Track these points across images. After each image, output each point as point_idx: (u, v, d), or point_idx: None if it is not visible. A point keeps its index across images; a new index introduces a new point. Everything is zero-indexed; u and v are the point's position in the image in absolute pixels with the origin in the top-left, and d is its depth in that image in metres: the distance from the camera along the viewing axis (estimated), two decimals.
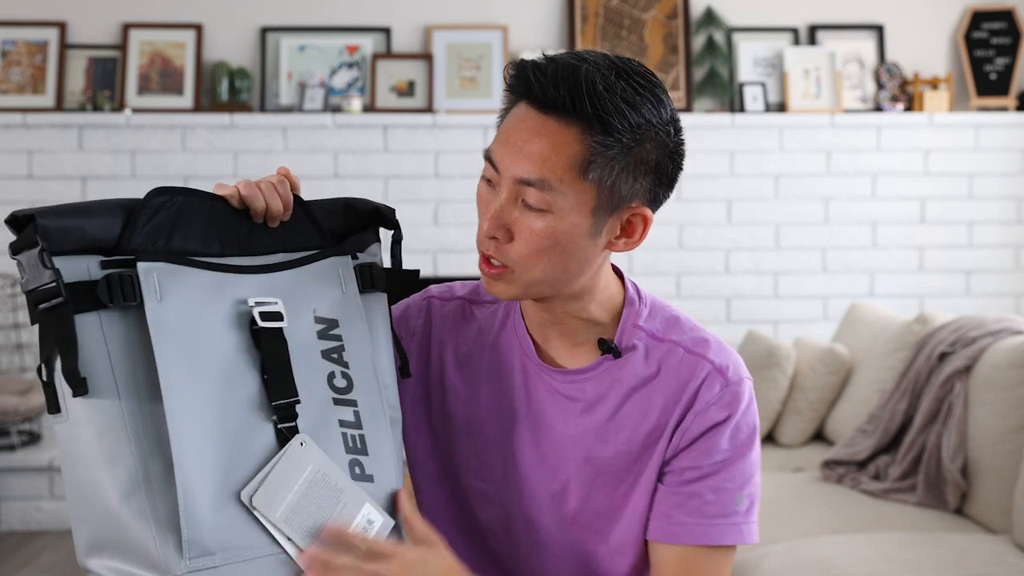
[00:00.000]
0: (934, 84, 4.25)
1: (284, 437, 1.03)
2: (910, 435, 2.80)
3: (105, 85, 4.17)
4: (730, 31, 4.29)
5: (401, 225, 1.18)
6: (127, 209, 1.00)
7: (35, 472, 3.83)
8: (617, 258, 1.26)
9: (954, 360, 2.76)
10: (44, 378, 0.96)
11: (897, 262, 4.28)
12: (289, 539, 1.00)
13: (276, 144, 4.12)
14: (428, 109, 4.16)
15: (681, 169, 1.16)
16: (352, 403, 1.09)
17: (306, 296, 1.09)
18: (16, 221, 0.95)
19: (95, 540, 0.97)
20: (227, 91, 4.13)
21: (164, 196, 1.02)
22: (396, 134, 4.14)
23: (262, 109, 4.21)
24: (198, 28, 4.19)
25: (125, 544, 0.95)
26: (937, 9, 4.36)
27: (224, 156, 4.11)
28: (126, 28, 4.17)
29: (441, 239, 4.13)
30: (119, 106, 4.13)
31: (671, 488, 1.15)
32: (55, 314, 0.94)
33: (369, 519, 1.06)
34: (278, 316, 1.04)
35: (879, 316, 3.48)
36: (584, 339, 1.20)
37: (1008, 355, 2.59)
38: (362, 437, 1.09)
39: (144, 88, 4.15)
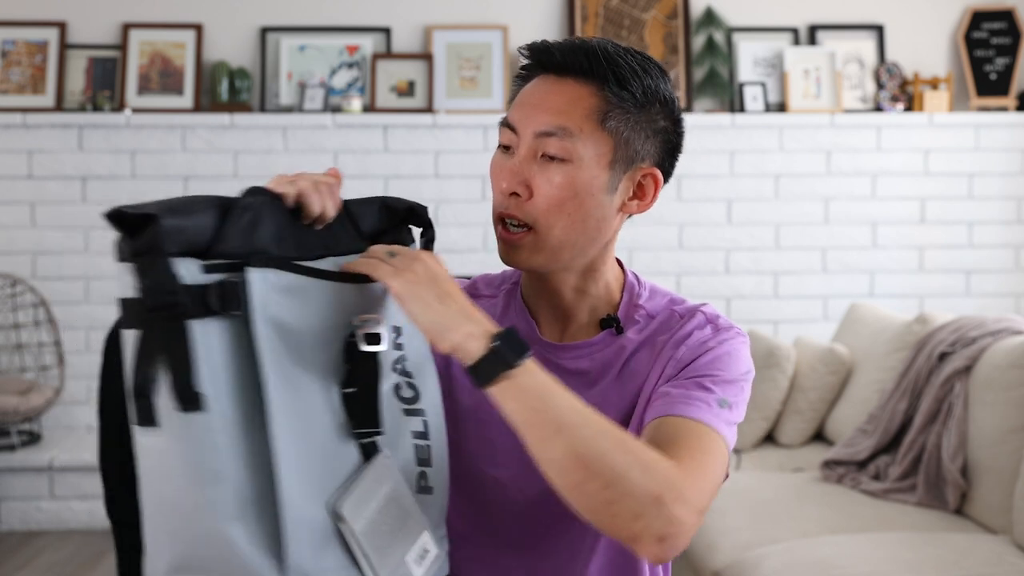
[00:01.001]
0: (934, 84, 4.25)
1: (368, 452, 1.00)
2: (910, 435, 2.80)
3: (105, 85, 4.17)
4: (730, 31, 4.29)
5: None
6: (221, 208, 0.93)
7: (35, 472, 3.84)
8: (618, 256, 1.28)
9: (954, 360, 2.76)
10: (137, 387, 0.88)
11: (897, 262, 4.28)
12: (365, 555, 0.97)
13: (276, 144, 4.12)
14: (428, 109, 4.16)
15: (682, 146, 1.22)
16: (420, 412, 1.08)
17: (389, 305, 1.06)
18: (121, 217, 0.87)
19: (182, 562, 0.91)
20: (227, 91, 4.13)
21: (252, 196, 0.96)
22: (396, 134, 4.14)
23: (262, 109, 4.21)
24: (198, 28, 4.19)
25: (221, 568, 0.89)
26: (937, 9, 4.36)
27: (224, 156, 4.11)
28: (126, 28, 4.17)
29: (441, 239, 4.12)
30: (119, 106, 4.13)
31: (657, 394, 1.16)
32: (170, 324, 0.87)
33: (425, 548, 1.04)
34: (378, 339, 1.01)
35: (879, 316, 3.48)
36: (587, 322, 1.23)
37: (1008, 355, 2.59)
38: (428, 448, 1.08)
39: (144, 88, 4.15)
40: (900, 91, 4.28)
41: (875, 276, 4.28)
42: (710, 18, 4.26)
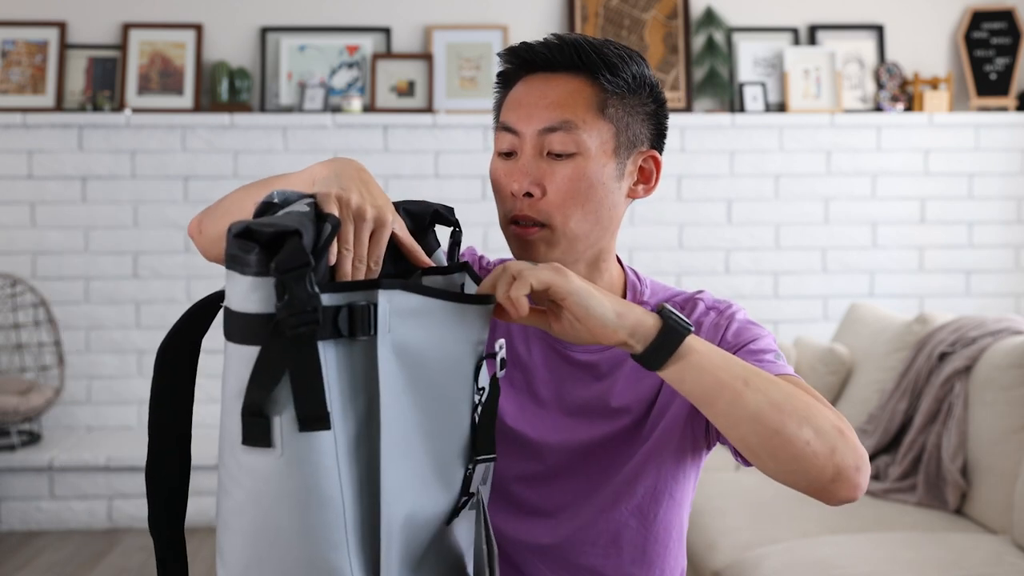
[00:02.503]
0: (934, 84, 4.25)
1: (467, 488, 0.98)
2: (910, 435, 2.80)
3: (105, 85, 4.17)
4: (730, 31, 4.29)
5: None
6: (313, 226, 0.90)
7: (35, 472, 3.84)
8: (618, 255, 1.28)
9: (954, 360, 2.76)
10: (253, 405, 0.84)
11: (897, 262, 4.28)
12: None
13: (276, 144, 4.12)
14: (428, 109, 4.16)
15: (667, 128, 1.25)
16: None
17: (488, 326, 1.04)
18: (250, 233, 0.83)
19: None
20: (227, 91, 4.13)
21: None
22: (396, 134, 4.14)
23: (262, 109, 4.21)
24: (198, 28, 4.19)
25: None
26: (937, 9, 4.36)
27: (224, 156, 4.11)
28: (126, 28, 4.17)
29: (441, 239, 4.13)
30: (119, 106, 4.13)
31: None
32: (301, 343, 0.83)
33: None
34: (505, 363, 1.00)
35: (879, 316, 3.48)
36: None
37: (1008, 355, 2.59)
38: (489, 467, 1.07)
39: (144, 88, 4.15)
40: (900, 91, 4.28)
41: (875, 276, 4.28)
42: (710, 18, 4.26)
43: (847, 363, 3.36)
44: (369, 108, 4.16)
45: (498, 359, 0.98)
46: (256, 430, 0.84)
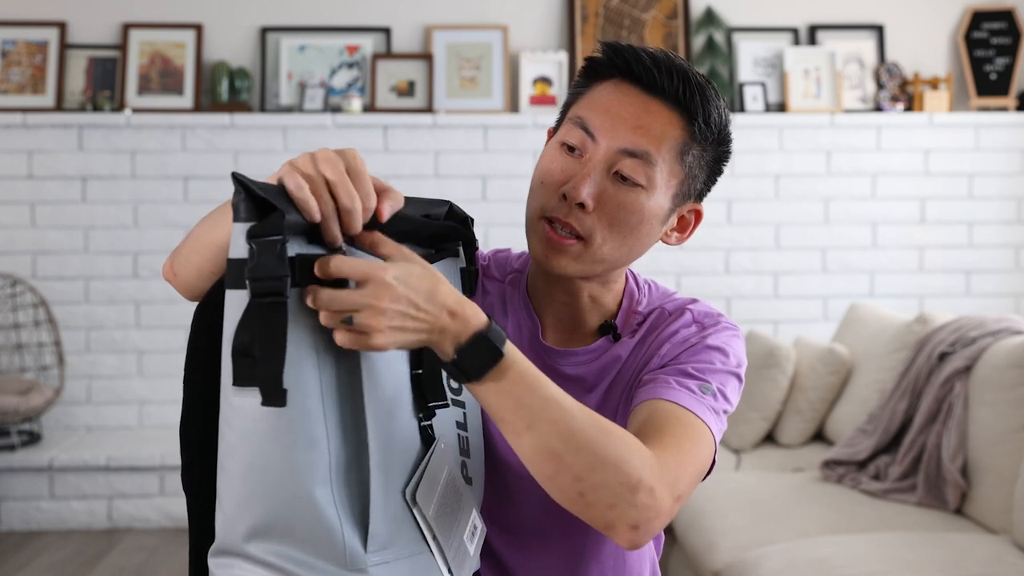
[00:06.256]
0: (934, 84, 4.25)
1: (428, 436, 1.03)
2: (910, 435, 2.80)
3: (105, 85, 4.17)
4: (730, 31, 4.29)
5: None
6: None
7: (35, 472, 3.84)
8: None
9: (954, 360, 2.76)
10: (240, 347, 0.87)
11: (897, 262, 4.28)
12: (435, 538, 1.00)
13: (276, 144, 4.12)
14: (428, 109, 4.16)
15: (717, 181, 1.23)
16: (462, 404, 1.10)
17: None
18: (246, 189, 0.87)
19: (266, 525, 0.90)
20: (227, 91, 4.13)
21: None
22: (396, 134, 4.14)
23: (262, 109, 4.21)
24: (198, 28, 4.19)
25: (306, 532, 0.90)
26: (937, 9, 4.36)
27: (224, 156, 4.11)
28: (126, 28, 4.17)
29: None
30: (119, 106, 4.13)
31: (642, 382, 1.15)
32: (270, 312, 0.86)
33: (475, 524, 1.07)
34: None
35: (879, 316, 3.48)
36: (592, 325, 1.23)
37: (1008, 355, 2.59)
38: (467, 439, 1.10)
39: (144, 88, 4.15)
40: (900, 91, 4.28)
41: (875, 276, 4.29)
42: (710, 18, 4.26)
43: (847, 363, 3.36)
44: (369, 108, 4.17)
45: None
46: (245, 370, 0.87)
